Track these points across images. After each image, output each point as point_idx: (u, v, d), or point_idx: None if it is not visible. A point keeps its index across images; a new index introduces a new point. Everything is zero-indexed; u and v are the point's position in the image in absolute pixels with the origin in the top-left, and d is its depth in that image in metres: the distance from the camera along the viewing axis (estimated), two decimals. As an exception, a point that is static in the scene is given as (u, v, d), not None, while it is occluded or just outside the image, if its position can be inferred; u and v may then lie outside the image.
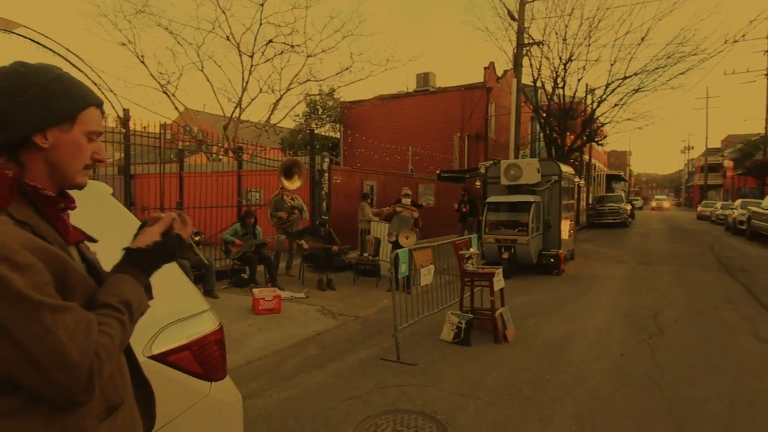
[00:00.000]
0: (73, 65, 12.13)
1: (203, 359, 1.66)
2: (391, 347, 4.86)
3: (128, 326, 1.00)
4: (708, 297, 7.39)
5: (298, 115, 23.50)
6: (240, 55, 14.18)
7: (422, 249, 5.29)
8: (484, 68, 21.23)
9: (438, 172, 17.30)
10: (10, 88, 0.94)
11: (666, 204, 49.51)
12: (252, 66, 14.16)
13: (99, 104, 1.06)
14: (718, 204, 29.20)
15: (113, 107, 12.89)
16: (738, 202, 22.87)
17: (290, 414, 3.48)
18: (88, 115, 1.03)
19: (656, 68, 17.93)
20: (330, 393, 3.88)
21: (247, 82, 14.29)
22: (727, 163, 41.88)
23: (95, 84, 13.21)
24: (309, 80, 15.06)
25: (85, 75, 12.83)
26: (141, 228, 1.16)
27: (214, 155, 15.36)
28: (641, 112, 28.98)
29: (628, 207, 25.29)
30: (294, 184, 8.98)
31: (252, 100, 15.20)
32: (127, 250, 1.07)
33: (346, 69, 14.52)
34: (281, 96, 15.09)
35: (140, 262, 1.07)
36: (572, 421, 3.32)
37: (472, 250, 5.83)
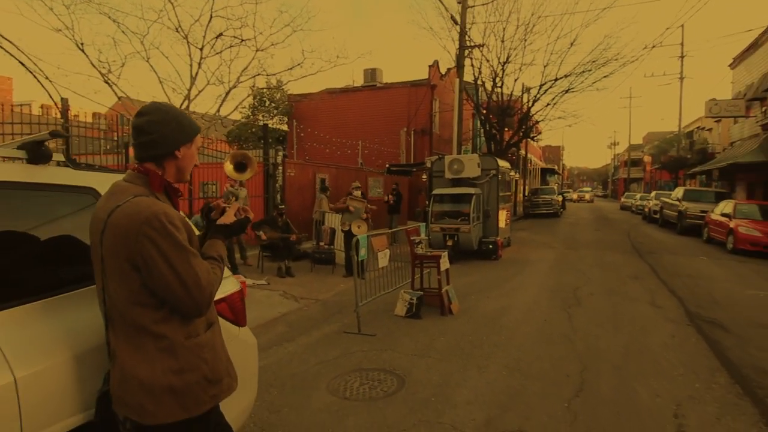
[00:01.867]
0: (7, 51, 11.63)
1: (234, 309, 2.24)
2: (351, 323, 5.51)
3: (223, 270, 1.60)
4: (620, 275, 8.63)
5: (245, 107, 23.36)
6: (188, 47, 14.05)
7: (379, 235, 5.97)
8: (429, 66, 22.13)
9: (387, 165, 18.03)
10: (161, 120, 1.50)
11: (587, 196, 51.79)
12: (201, 58, 14.08)
13: (200, 130, 1.63)
14: (638, 196, 32.19)
15: (50, 96, 12.46)
16: (653, 194, 25.47)
17: (270, 377, 4.04)
18: (198, 138, 1.61)
19: (583, 71, 19.60)
20: (302, 360, 4.48)
21: (196, 75, 14.20)
22: (646, 159, 45.99)
23: (30, 72, 12.69)
24: (259, 74, 15.13)
25: (20, 62, 12.32)
26: (206, 210, 1.76)
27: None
28: (571, 110, 31.32)
29: (560, 198, 27.31)
30: (243, 176, 9.27)
31: (200, 91, 15.06)
32: (217, 224, 1.66)
33: (298, 65, 14.71)
34: (230, 89, 15.10)
35: (224, 232, 1.67)
36: (503, 368, 4.14)
37: (422, 236, 6.58)
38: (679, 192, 18.36)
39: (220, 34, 14.32)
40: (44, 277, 1.66)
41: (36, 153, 1.78)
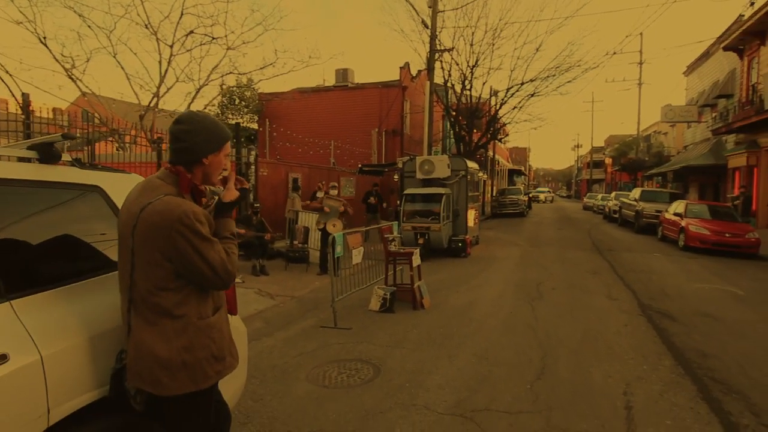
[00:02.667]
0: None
1: (227, 298, 2.41)
2: (327, 318, 5.70)
3: (237, 245, 1.80)
4: (580, 270, 9.14)
5: (214, 105, 23.09)
6: (158, 44, 13.87)
7: (354, 233, 6.19)
8: (400, 68, 22.45)
9: (359, 166, 18.23)
10: (193, 130, 1.70)
11: (542, 196, 49.96)
12: (171, 56, 13.93)
13: (230, 138, 1.83)
14: (599, 196, 33.51)
15: (11, 91, 12.06)
16: (613, 194, 26.60)
17: (251, 368, 4.17)
18: (227, 146, 1.81)
19: (548, 76, 20.36)
20: (281, 352, 4.65)
21: (165, 72, 14.03)
22: (608, 161, 47.91)
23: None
24: (231, 73, 15.07)
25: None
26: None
27: (126, 144, 14.89)
28: (536, 114, 32.42)
29: (526, 198, 28.15)
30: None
31: (168, 89, 14.86)
32: (223, 203, 1.84)
33: (270, 64, 14.76)
34: (201, 86, 14.98)
35: (230, 208, 1.87)
36: (472, 356, 4.44)
37: (395, 234, 6.83)
38: (636, 193, 19.31)
39: (191, 32, 14.19)
40: (60, 267, 1.81)
41: (47, 153, 1.92)
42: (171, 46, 14.07)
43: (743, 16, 20.54)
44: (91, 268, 1.88)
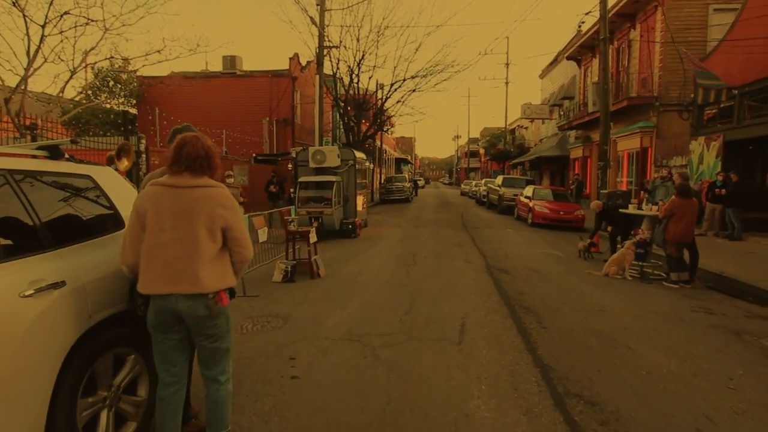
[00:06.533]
0: None
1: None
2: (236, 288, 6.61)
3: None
4: (448, 244, 11.04)
5: (85, 87, 21.43)
6: (26, 22, 12.93)
7: (258, 215, 7.14)
8: (290, 59, 22.98)
9: (254, 155, 18.63)
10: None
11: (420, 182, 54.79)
12: (43, 36, 13.08)
13: None
14: (473, 183, 37.42)
15: None
16: (483, 181, 30.13)
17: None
18: None
19: (426, 74, 22.54)
20: (201, 316, 5.51)
21: (35, 53, 13.15)
22: (481, 151, 53.19)
23: None
24: (113, 57, 14.54)
25: None
26: None
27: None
28: (418, 107, 35.04)
29: (410, 185, 30.57)
30: (120, 164, 9.51)
31: (35, 70, 13.88)
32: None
33: (157, 51, 14.52)
34: (75, 69, 14.24)
35: None
36: (359, 305, 5.77)
37: (293, 216, 7.90)
38: (499, 180, 22.44)
39: (66, 12, 13.43)
40: (86, 228, 2.67)
41: (55, 152, 2.74)
42: (43, 26, 13.18)
43: (581, 30, 24.72)
44: (105, 229, 2.77)
